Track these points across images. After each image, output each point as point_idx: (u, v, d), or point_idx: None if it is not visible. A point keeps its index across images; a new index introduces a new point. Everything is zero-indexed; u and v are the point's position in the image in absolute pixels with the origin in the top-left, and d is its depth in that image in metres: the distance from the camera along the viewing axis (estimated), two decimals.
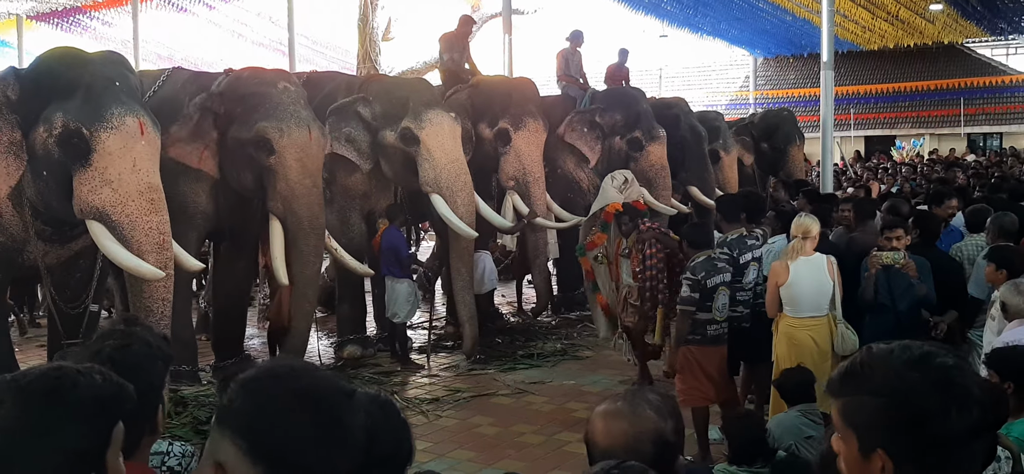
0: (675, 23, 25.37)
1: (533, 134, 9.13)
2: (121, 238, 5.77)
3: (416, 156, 7.98)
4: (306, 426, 1.26)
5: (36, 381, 1.39)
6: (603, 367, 8.25)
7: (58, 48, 6.42)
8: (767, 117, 14.42)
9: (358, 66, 15.94)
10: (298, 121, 7.03)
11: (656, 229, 6.90)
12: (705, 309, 5.61)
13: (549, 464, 5.79)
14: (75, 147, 5.69)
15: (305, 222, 7.11)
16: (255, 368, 1.34)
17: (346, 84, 8.92)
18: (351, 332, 8.63)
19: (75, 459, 1.35)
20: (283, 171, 6.99)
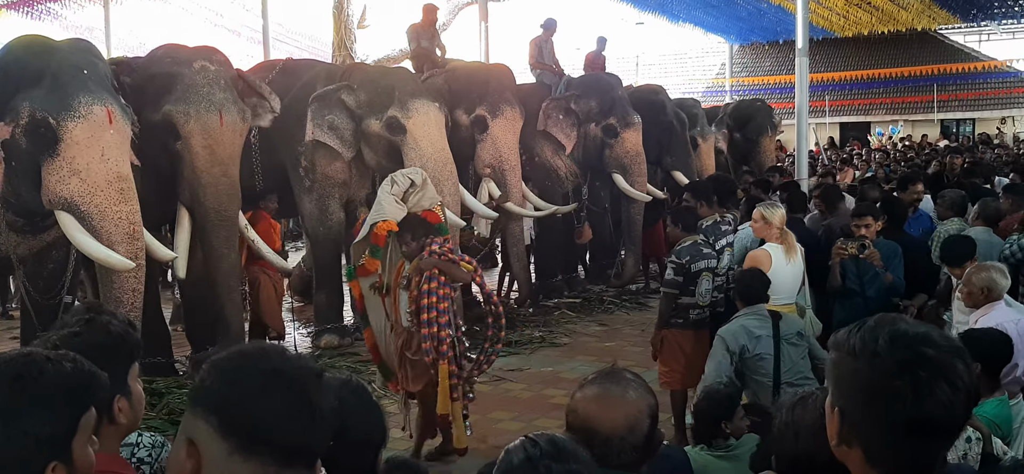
0: (651, 10, 25.40)
1: (510, 122, 9.13)
2: (91, 228, 5.69)
3: (402, 145, 7.94)
4: (276, 403, 1.28)
5: (2, 366, 1.39)
6: (580, 353, 8.28)
7: (25, 36, 6.31)
8: (741, 106, 14.61)
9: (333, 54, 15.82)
10: (209, 104, 6.71)
11: (444, 255, 5.25)
12: (688, 293, 5.66)
13: None
14: (42, 137, 5.61)
15: (212, 213, 6.81)
16: (227, 350, 1.36)
17: (326, 72, 8.86)
18: (328, 321, 8.60)
19: (40, 445, 1.35)
20: (189, 157, 6.70)
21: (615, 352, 8.23)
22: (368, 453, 1.80)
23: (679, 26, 27.63)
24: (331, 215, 8.41)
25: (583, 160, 10.47)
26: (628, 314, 9.99)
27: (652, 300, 10.38)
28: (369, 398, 1.88)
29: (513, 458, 1.60)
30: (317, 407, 1.31)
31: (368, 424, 1.81)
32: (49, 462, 1.35)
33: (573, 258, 11.44)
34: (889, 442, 1.34)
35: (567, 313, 9.87)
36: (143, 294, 6.02)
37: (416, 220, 5.46)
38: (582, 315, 9.86)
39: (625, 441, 1.92)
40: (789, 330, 4.82)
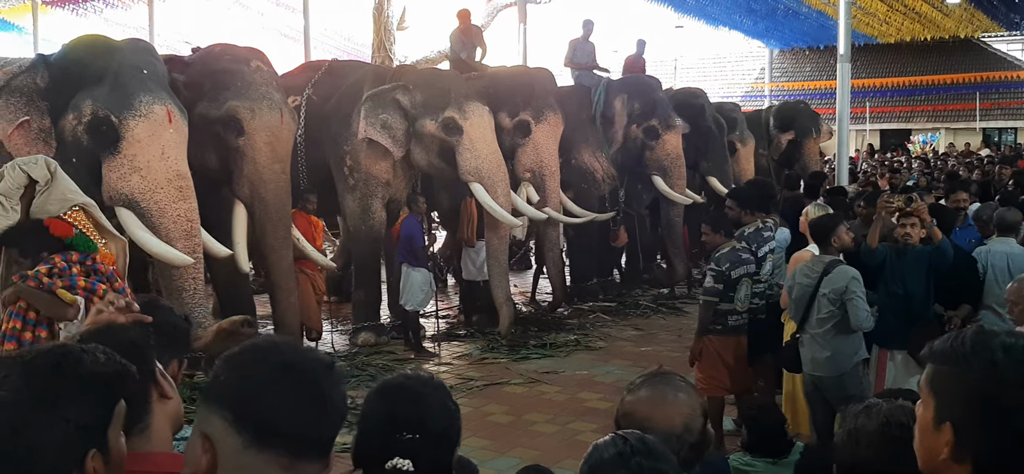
0: (691, 14, 25.31)
1: (552, 127, 9.19)
2: (150, 225, 5.84)
3: (457, 146, 8.07)
4: (288, 396, 1.31)
5: (41, 357, 1.42)
6: (616, 357, 8.29)
7: (86, 36, 6.51)
8: (784, 109, 14.38)
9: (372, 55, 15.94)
10: (271, 103, 6.90)
11: (52, 281, 4.00)
12: (727, 299, 5.64)
13: (562, 453, 5.81)
14: (104, 135, 5.77)
15: (272, 209, 6.98)
16: (239, 346, 1.40)
17: (373, 73, 8.98)
18: (366, 319, 8.69)
19: (78, 433, 1.37)
20: (252, 154, 6.86)
21: (651, 357, 8.23)
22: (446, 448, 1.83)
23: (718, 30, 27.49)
24: (373, 214, 8.49)
25: (622, 162, 10.46)
26: (664, 319, 9.96)
27: (688, 305, 10.36)
28: (447, 395, 1.91)
29: (603, 453, 1.62)
30: (328, 398, 1.34)
31: (446, 420, 1.85)
32: (88, 449, 1.38)
33: (608, 261, 11.42)
34: (1005, 455, 1.32)
35: (602, 316, 9.86)
36: (201, 288, 6.13)
37: (35, 229, 4.20)
38: (617, 319, 9.85)
39: (682, 440, 1.94)
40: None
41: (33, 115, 5.86)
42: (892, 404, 1.92)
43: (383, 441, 1.81)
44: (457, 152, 8.11)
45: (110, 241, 4.25)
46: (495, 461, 5.58)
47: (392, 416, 1.82)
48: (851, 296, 4.83)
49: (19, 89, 5.88)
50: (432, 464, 1.79)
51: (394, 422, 1.81)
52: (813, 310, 4.97)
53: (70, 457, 1.36)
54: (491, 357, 8.26)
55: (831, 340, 4.93)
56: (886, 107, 29.84)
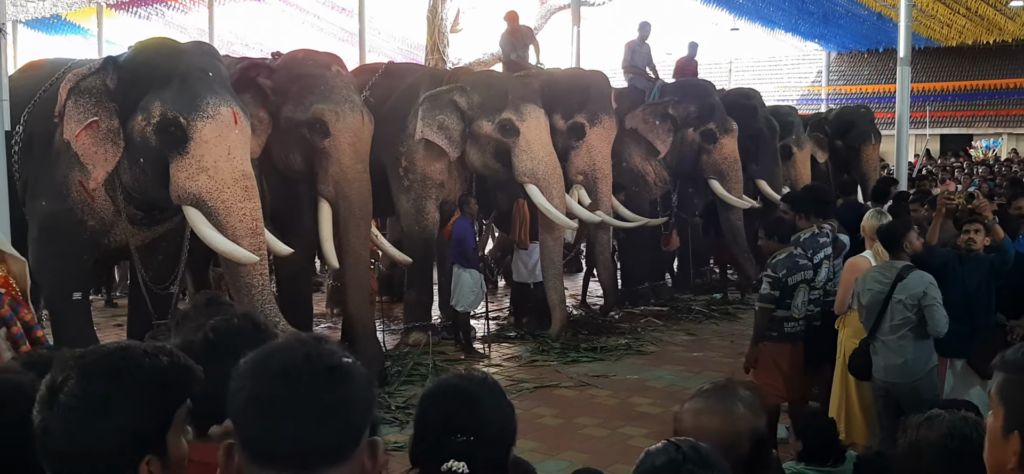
0: (747, 17, 25.04)
1: (607, 130, 9.19)
2: (217, 224, 5.96)
3: (513, 147, 8.17)
4: (277, 412, 1.24)
5: (101, 359, 1.41)
6: (668, 362, 8.24)
7: (153, 39, 6.68)
8: (843, 114, 14.08)
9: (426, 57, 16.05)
10: (352, 105, 7.15)
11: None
12: (784, 306, 5.57)
13: (612, 457, 5.80)
14: (173, 136, 5.90)
15: (356, 207, 7.19)
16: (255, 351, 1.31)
17: (429, 76, 9.08)
18: (417, 319, 8.76)
19: (134, 438, 1.38)
20: (337, 154, 7.08)
21: (703, 362, 8.18)
22: (501, 449, 1.84)
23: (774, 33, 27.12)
24: (427, 215, 8.57)
25: (677, 166, 10.39)
26: (717, 324, 9.88)
27: (742, 310, 10.25)
28: (502, 395, 1.92)
29: (655, 460, 1.60)
30: (328, 406, 1.24)
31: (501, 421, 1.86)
32: (144, 456, 1.38)
33: (660, 265, 11.36)
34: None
35: (654, 321, 9.82)
36: (267, 285, 6.25)
37: None
38: (669, 323, 9.80)
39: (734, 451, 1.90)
40: None
41: (102, 116, 6.00)
42: (955, 415, 1.88)
43: (438, 443, 1.82)
44: (513, 153, 8.18)
45: (10, 263, 4.16)
46: (545, 463, 5.59)
47: (446, 418, 1.83)
48: (930, 302, 4.78)
49: (88, 90, 6.03)
50: (487, 465, 1.79)
51: (448, 424, 1.82)
52: (886, 317, 4.90)
53: (125, 463, 1.37)
54: (541, 359, 8.27)
55: (906, 346, 4.87)
56: (946, 112, 29.12)
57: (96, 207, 6.42)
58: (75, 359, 1.42)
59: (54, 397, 1.37)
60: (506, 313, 10.29)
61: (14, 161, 6.52)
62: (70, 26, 25.47)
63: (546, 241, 8.72)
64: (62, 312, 6.70)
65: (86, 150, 5.99)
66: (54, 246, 6.52)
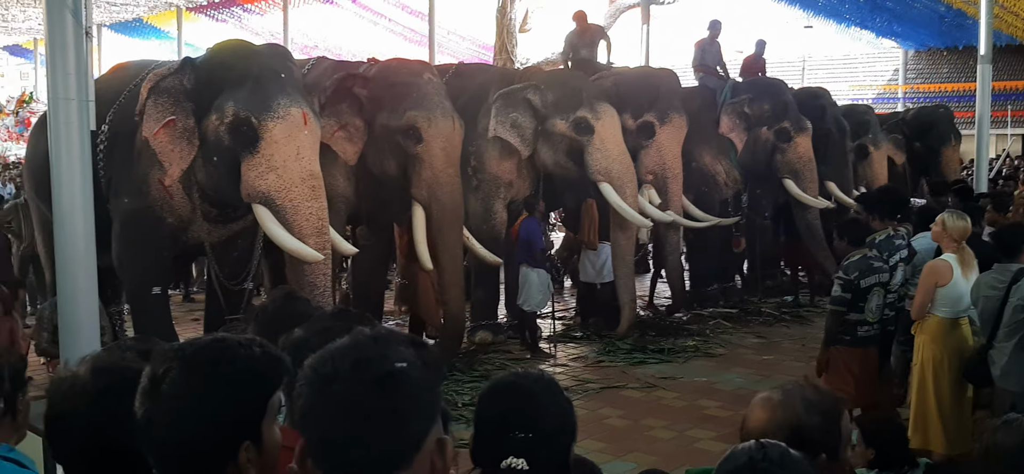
0: (820, 14, 24.51)
1: (677, 130, 9.13)
2: (284, 222, 6.10)
3: (587, 145, 8.20)
4: (328, 424, 1.25)
5: (200, 351, 1.46)
6: (737, 365, 8.13)
7: (229, 41, 6.88)
8: (921, 114, 13.69)
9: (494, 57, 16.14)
10: (444, 111, 7.29)
11: None
12: (857, 310, 5.45)
13: (679, 459, 5.74)
14: (244, 135, 6.05)
15: (449, 209, 7.33)
16: (319, 352, 1.34)
17: (500, 76, 9.15)
18: (483, 318, 8.81)
19: (232, 425, 1.42)
20: (429, 159, 7.23)
21: (773, 366, 8.05)
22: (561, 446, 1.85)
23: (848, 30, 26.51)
24: (495, 214, 8.63)
25: (749, 165, 10.25)
26: (788, 327, 9.71)
27: (813, 314, 10.07)
28: (559, 392, 1.92)
29: (738, 459, 1.62)
30: (376, 415, 1.24)
31: (560, 418, 1.86)
32: (242, 441, 1.42)
33: (729, 267, 11.21)
34: None
35: (722, 323, 9.70)
36: (329, 286, 6.38)
37: None
38: (738, 326, 9.67)
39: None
40: None
41: (179, 115, 6.19)
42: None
43: (497, 441, 1.82)
44: (586, 152, 8.20)
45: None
46: (611, 464, 5.57)
47: (503, 415, 1.83)
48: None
49: (167, 90, 6.22)
50: (548, 462, 1.79)
51: (506, 421, 1.82)
52: (1003, 321, 4.76)
53: (225, 448, 1.42)
54: (608, 360, 8.23)
55: (1021, 353, 4.72)
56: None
57: (174, 204, 6.61)
58: (175, 351, 1.47)
59: (157, 388, 1.42)
60: (572, 313, 10.29)
61: (99, 160, 6.75)
62: (151, 29, 26.30)
63: (619, 240, 8.70)
64: (142, 306, 6.93)
65: (163, 147, 6.19)
66: (134, 242, 6.74)
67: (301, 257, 6.14)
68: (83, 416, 1.62)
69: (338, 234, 6.87)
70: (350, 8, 24.08)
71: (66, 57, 5.31)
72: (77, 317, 5.37)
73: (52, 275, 6.45)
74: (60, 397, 1.68)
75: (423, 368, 1.29)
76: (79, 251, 5.40)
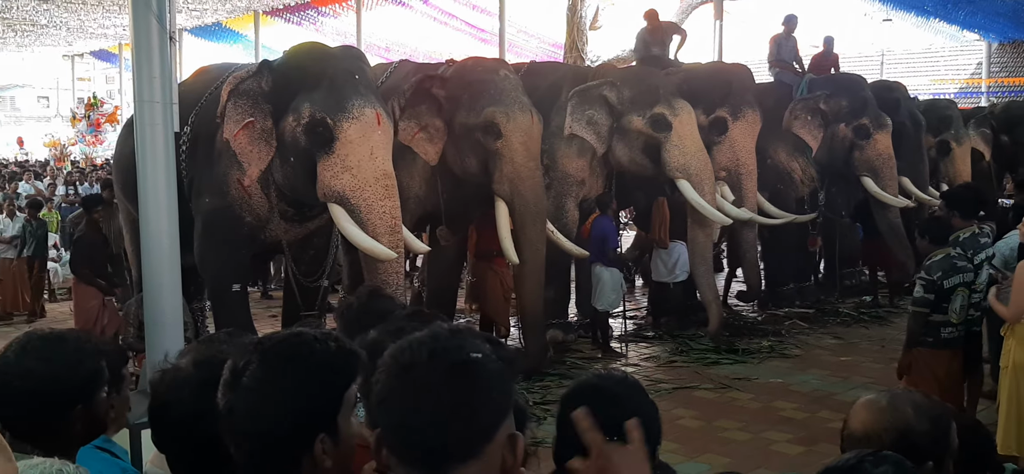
0: (899, 7, 23.84)
1: (750, 125, 8.97)
2: (358, 221, 6.18)
3: (664, 142, 8.15)
4: (401, 411, 1.26)
5: (279, 345, 1.51)
6: (813, 366, 7.97)
7: (305, 43, 7.01)
8: (1010, 108, 13.18)
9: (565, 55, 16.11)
10: (522, 106, 7.30)
11: None
12: (940, 311, 5.30)
13: (754, 462, 5.68)
14: (320, 135, 6.16)
15: (532, 204, 7.33)
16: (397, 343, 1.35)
17: (573, 73, 9.13)
18: (554, 317, 8.78)
19: (308, 417, 1.46)
20: (509, 154, 7.24)
21: (851, 367, 7.89)
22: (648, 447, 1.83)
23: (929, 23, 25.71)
24: (566, 213, 8.60)
25: (826, 163, 10.02)
26: (866, 328, 9.49)
27: (892, 314, 9.82)
28: (644, 395, 1.92)
29: (847, 460, 1.61)
30: (449, 404, 1.25)
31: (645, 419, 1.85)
32: (318, 433, 1.46)
33: (806, 266, 10.99)
34: None
35: (798, 323, 9.53)
36: (402, 283, 6.46)
37: None
38: (815, 326, 9.50)
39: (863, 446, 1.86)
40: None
41: (257, 117, 6.33)
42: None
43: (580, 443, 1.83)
44: (664, 148, 8.15)
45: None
46: (685, 465, 5.52)
47: None
48: None
49: (246, 92, 6.37)
50: None
51: None
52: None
53: (301, 440, 1.45)
54: (680, 360, 8.16)
55: None
56: None
57: (253, 204, 6.77)
58: (255, 345, 1.53)
59: (238, 380, 1.48)
60: (643, 313, 10.21)
61: (181, 161, 6.95)
62: (230, 33, 26.98)
63: (697, 237, 8.61)
64: (222, 302, 7.12)
65: (242, 148, 6.34)
66: (215, 240, 6.93)
67: (374, 255, 6.21)
68: (185, 406, 1.69)
69: (411, 233, 6.94)
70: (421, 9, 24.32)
71: (151, 61, 5.50)
72: (162, 313, 5.56)
73: (138, 272, 6.66)
74: (164, 387, 1.75)
75: (498, 362, 1.30)
76: (163, 249, 5.59)
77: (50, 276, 11.87)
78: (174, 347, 5.38)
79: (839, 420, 2.15)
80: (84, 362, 1.95)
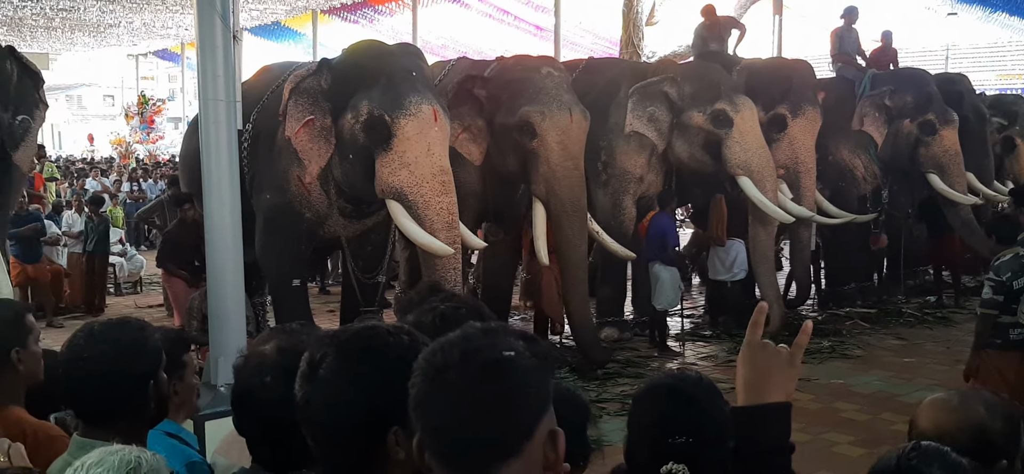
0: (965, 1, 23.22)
1: (810, 122, 8.83)
2: (416, 217, 6.22)
3: (725, 138, 8.10)
4: (436, 410, 1.26)
5: (353, 338, 1.53)
6: (875, 367, 7.81)
7: (363, 41, 7.10)
8: None
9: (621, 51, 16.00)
10: (560, 104, 7.23)
11: None
12: (1009, 312, 5.15)
13: (815, 464, 5.58)
14: (378, 132, 6.23)
15: (567, 204, 7.28)
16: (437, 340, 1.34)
17: (631, 69, 9.09)
18: (610, 314, 8.77)
19: (381, 410, 1.46)
20: (545, 154, 7.20)
21: (915, 369, 7.73)
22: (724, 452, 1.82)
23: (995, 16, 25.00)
24: (624, 210, 8.56)
25: (890, 160, 9.80)
26: (931, 329, 9.26)
27: (958, 315, 9.58)
28: (720, 397, 1.90)
29: (891, 460, 1.62)
30: (484, 402, 1.24)
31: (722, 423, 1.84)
32: (391, 426, 1.46)
33: (868, 265, 10.76)
34: None
35: (860, 323, 9.34)
36: (459, 281, 6.49)
37: None
38: (877, 327, 9.30)
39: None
40: None
41: (317, 114, 6.42)
42: None
43: (655, 445, 1.80)
44: (724, 145, 8.08)
45: None
46: None
47: (663, 419, 1.81)
48: None
49: (306, 91, 6.46)
50: (709, 467, 1.77)
51: (665, 425, 1.80)
52: None
53: (375, 432, 1.47)
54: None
55: None
56: None
57: (312, 200, 6.87)
58: (331, 337, 1.55)
59: (315, 372, 1.50)
60: (701, 311, 10.11)
61: (244, 158, 7.07)
62: (288, 32, 27.37)
63: (758, 235, 8.50)
64: (283, 297, 7.25)
65: (303, 146, 6.44)
66: (276, 236, 7.05)
67: (431, 251, 6.25)
68: (268, 390, 1.74)
69: (468, 229, 6.96)
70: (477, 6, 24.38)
71: (215, 60, 5.60)
72: (225, 307, 5.67)
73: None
74: (247, 374, 1.80)
75: (532, 358, 1.29)
76: (227, 244, 5.70)
77: (116, 270, 12.19)
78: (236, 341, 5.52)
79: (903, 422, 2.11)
80: (148, 342, 2.04)
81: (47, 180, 16.40)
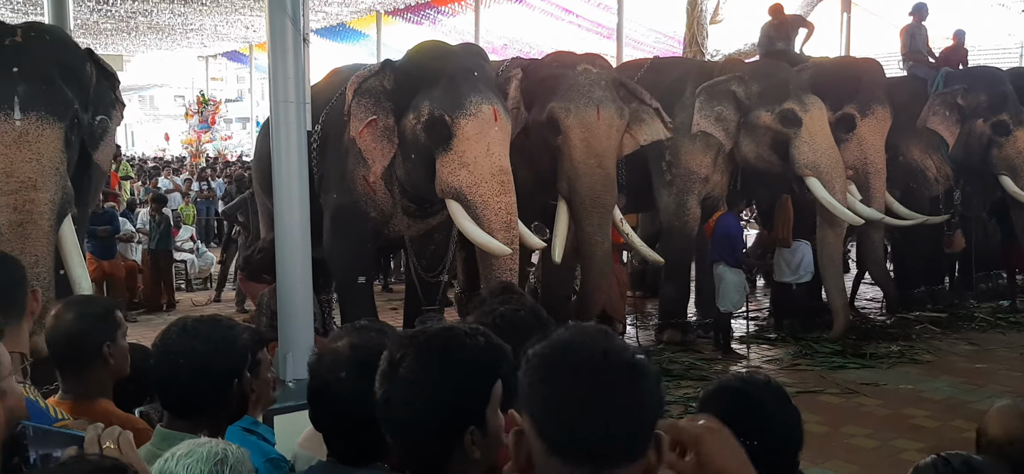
0: None
1: (880, 122, 8.67)
2: (474, 216, 6.25)
3: (793, 138, 8.02)
4: (577, 408, 1.25)
5: (433, 339, 1.58)
6: (946, 373, 7.63)
7: (425, 42, 7.16)
8: None
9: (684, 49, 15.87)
10: (588, 101, 7.13)
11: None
12: None
13: (882, 470, 5.50)
14: (439, 132, 6.28)
15: (587, 200, 7.18)
16: (548, 338, 1.34)
17: (697, 69, 9.03)
18: (672, 316, 8.71)
19: (460, 409, 1.52)
20: (568, 150, 7.14)
21: (987, 375, 7.55)
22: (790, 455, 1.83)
23: None
24: (688, 210, 8.50)
25: (963, 160, 9.55)
26: (1004, 334, 9.02)
27: None
28: (787, 400, 1.90)
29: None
30: (624, 405, 1.25)
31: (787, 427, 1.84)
32: (468, 425, 1.52)
33: (939, 268, 10.50)
34: None
35: (930, 327, 9.13)
36: (518, 277, 6.51)
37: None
38: (948, 331, 9.07)
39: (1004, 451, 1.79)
40: None
41: (379, 115, 6.50)
42: None
43: None
44: (793, 145, 7.99)
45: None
46: (810, 471, 5.38)
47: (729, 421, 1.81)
48: None
49: (369, 91, 6.55)
50: (771, 470, 1.74)
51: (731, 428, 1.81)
52: None
53: (452, 431, 1.52)
54: (804, 364, 7.94)
55: None
56: None
57: (377, 200, 6.97)
58: (410, 338, 1.60)
59: (395, 371, 1.55)
60: (766, 313, 9.99)
61: (313, 158, 7.21)
62: (353, 33, 27.74)
63: (826, 237, 8.37)
64: (349, 294, 7.37)
65: (367, 146, 6.53)
66: (342, 235, 7.17)
67: (490, 250, 6.27)
68: (342, 386, 1.80)
69: (527, 229, 6.98)
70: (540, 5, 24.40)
71: (286, 62, 5.73)
72: (294, 303, 5.80)
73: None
74: (323, 369, 1.86)
75: (654, 364, 1.32)
76: (296, 242, 5.83)
77: (187, 267, 12.51)
78: (305, 337, 5.63)
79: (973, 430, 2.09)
80: (237, 341, 2.12)
81: (122, 179, 16.91)
